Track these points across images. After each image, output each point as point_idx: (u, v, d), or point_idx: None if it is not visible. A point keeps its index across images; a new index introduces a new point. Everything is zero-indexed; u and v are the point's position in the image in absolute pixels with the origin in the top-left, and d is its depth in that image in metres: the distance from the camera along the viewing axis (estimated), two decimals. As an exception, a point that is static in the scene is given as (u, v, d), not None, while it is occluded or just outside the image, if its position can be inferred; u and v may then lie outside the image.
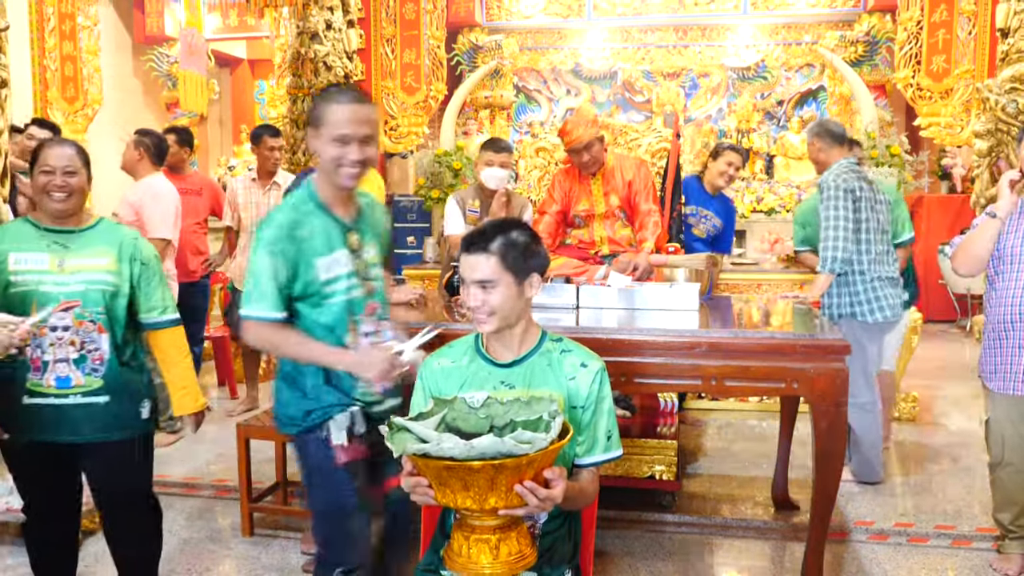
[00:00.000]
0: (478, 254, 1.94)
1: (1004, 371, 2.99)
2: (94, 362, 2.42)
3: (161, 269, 2.63)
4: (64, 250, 2.42)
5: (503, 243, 1.94)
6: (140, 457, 2.61)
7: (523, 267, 1.96)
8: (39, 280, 2.37)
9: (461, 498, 1.64)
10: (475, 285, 1.94)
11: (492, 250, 1.93)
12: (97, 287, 2.42)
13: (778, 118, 8.61)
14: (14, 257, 2.38)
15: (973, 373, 3.62)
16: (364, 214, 2.24)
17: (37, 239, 2.42)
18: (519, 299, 1.96)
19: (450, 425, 1.82)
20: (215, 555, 3.36)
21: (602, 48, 8.76)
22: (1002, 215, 2.97)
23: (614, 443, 2.00)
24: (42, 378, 2.39)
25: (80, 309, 2.39)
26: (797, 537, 3.34)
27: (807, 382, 2.63)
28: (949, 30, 6.47)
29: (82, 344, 2.40)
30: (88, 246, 2.46)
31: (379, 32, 7.11)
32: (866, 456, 3.89)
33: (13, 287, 2.36)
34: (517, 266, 1.95)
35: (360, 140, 2.08)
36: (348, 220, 2.18)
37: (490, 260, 1.93)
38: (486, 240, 1.94)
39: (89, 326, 2.41)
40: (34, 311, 2.33)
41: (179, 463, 4.31)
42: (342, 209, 2.18)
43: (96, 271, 2.43)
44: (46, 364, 2.39)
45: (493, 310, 1.94)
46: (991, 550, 3.24)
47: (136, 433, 2.54)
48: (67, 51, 7.30)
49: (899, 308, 3.84)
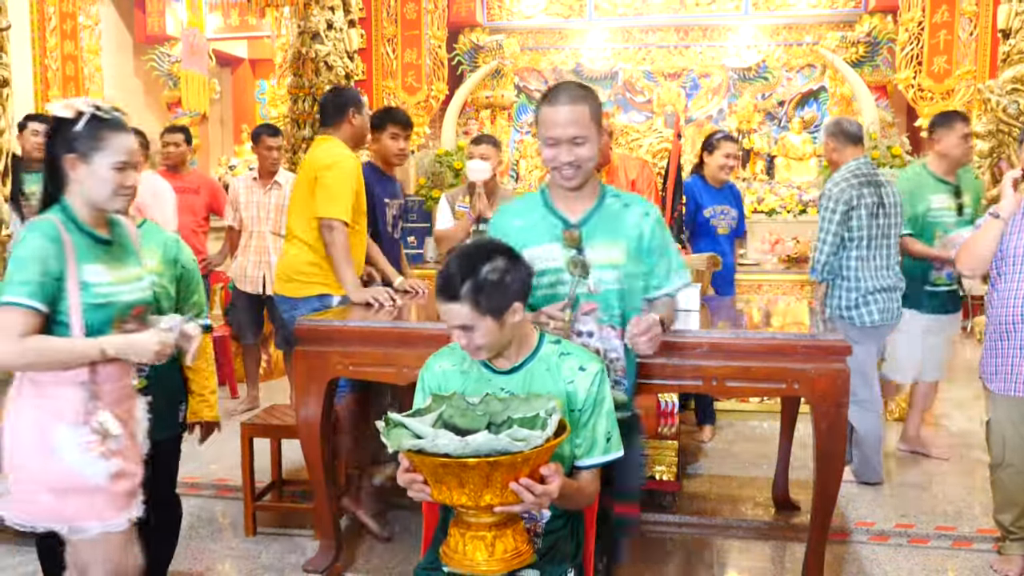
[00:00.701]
0: (450, 303, 1.87)
1: (1005, 372, 2.99)
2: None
3: (199, 273, 2.67)
4: None
5: (472, 287, 1.84)
6: (172, 457, 2.67)
7: (499, 304, 1.86)
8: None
9: (456, 495, 1.64)
10: (455, 329, 1.90)
11: (463, 297, 1.85)
12: (153, 289, 2.43)
13: (779, 119, 8.60)
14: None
15: (974, 374, 3.61)
16: (589, 217, 2.26)
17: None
18: (503, 330, 1.90)
19: (447, 422, 1.82)
20: (216, 554, 3.36)
21: (603, 48, 8.76)
22: (1005, 215, 2.97)
23: (614, 444, 1.99)
24: None
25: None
26: (798, 538, 3.33)
27: (808, 383, 2.63)
28: (950, 31, 6.48)
29: None
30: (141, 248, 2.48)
31: (380, 32, 7.12)
32: (867, 456, 3.88)
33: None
34: (492, 305, 1.86)
35: (568, 141, 2.13)
36: (572, 218, 2.24)
37: (463, 308, 1.85)
38: (454, 287, 1.85)
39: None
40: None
41: (180, 463, 4.29)
42: (563, 206, 2.26)
43: (150, 273, 2.43)
44: None
45: (479, 347, 1.91)
46: (992, 551, 3.23)
47: (173, 433, 2.61)
48: (68, 50, 7.31)
49: (895, 311, 3.83)
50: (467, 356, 2.05)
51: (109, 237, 2.12)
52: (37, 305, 1.93)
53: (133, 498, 2.11)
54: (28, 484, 2.02)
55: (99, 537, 2.03)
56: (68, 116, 2.01)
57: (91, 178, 2.02)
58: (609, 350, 2.27)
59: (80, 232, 2.04)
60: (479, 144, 4.15)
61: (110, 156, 2.01)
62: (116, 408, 2.07)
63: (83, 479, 2.00)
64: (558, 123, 2.13)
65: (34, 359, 1.95)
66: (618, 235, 2.24)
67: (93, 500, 2.02)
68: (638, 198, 2.35)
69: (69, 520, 2.02)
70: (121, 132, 2.05)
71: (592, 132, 2.15)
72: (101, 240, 2.09)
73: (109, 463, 2.01)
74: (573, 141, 2.13)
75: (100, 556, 2.06)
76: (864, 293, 3.75)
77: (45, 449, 2.00)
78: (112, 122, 2.04)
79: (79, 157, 2.01)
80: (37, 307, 1.93)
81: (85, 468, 1.99)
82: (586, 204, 2.25)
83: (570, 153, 2.14)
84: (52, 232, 1.98)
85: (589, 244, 2.21)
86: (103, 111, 2.04)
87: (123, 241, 2.19)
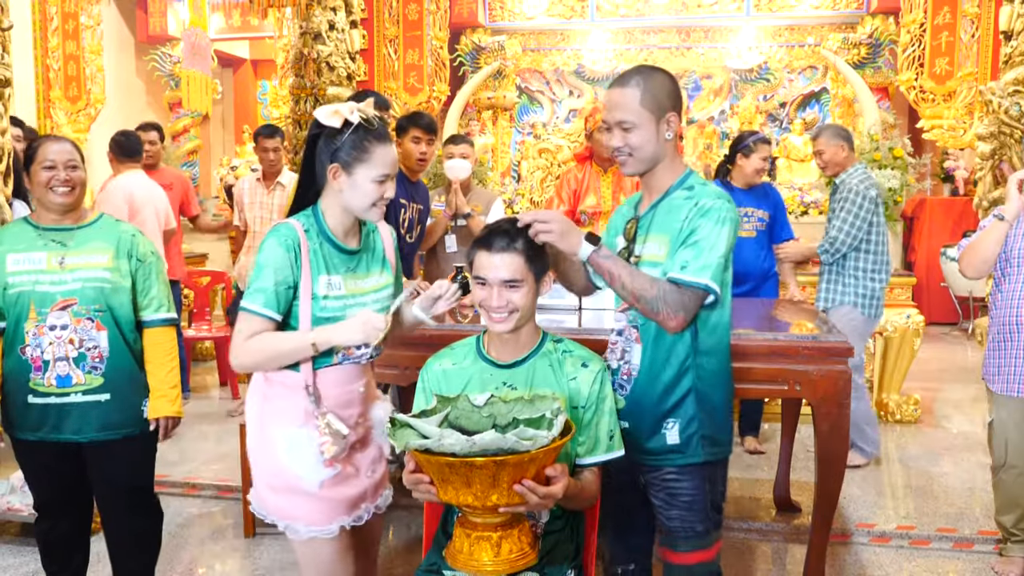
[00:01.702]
0: (503, 253, 1.90)
1: (1008, 373, 2.99)
2: (93, 360, 2.42)
3: (160, 266, 2.61)
4: (63, 248, 2.42)
5: (526, 241, 1.92)
6: (141, 456, 2.60)
7: (543, 266, 1.97)
8: (35, 280, 2.37)
9: (463, 495, 1.64)
10: (499, 284, 1.91)
11: (518, 248, 1.91)
12: (94, 284, 2.42)
13: (780, 120, 8.61)
14: (12, 258, 2.39)
15: (975, 375, 3.61)
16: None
17: (35, 239, 2.42)
18: (535, 298, 1.97)
19: (453, 423, 1.82)
20: (216, 555, 3.36)
21: (605, 49, 8.76)
22: (1009, 217, 2.97)
23: (616, 443, 1.99)
24: (43, 377, 2.40)
25: (77, 307, 2.39)
26: (799, 539, 3.33)
27: (809, 384, 2.63)
28: (952, 33, 6.48)
29: (80, 342, 2.40)
30: (86, 243, 2.46)
31: (382, 33, 7.13)
32: (862, 428, 4.03)
33: (11, 287, 2.37)
34: (539, 265, 1.95)
35: (616, 125, 2.02)
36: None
37: (517, 259, 1.91)
38: (510, 238, 1.91)
39: (87, 324, 2.40)
40: (32, 313, 2.36)
41: (179, 463, 4.31)
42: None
43: (94, 268, 2.43)
44: (47, 363, 2.39)
45: (514, 309, 1.92)
46: (993, 553, 3.23)
47: (137, 431, 2.53)
48: (70, 50, 7.33)
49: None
50: (467, 354, 2.06)
51: (356, 247, 2.09)
52: (269, 313, 1.95)
53: (351, 506, 2.08)
54: (257, 478, 2.10)
55: (309, 540, 2.04)
56: (335, 125, 1.97)
57: (352, 189, 1.98)
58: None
59: (324, 240, 2.02)
60: (457, 144, 4.22)
61: (373, 169, 1.97)
62: (342, 412, 2.05)
63: (297, 481, 2.01)
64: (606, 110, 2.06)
65: (257, 357, 1.98)
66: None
67: (304, 503, 2.02)
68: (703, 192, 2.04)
69: (284, 518, 2.05)
70: (385, 144, 2.00)
71: (644, 119, 1.98)
72: (346, 251, 2.06)
73: (326, 470, 2.00)
74: (620, 126, 1.99)
75: (310, 558, 2.07)
76: (878, 286, 3.98)
77: (267, 448, 2.05)
78: (376, 133, 1.99)
79: (342, 167, 1.98)
80: (270, 315, 1.96)
81: (301, 471, 2.01)
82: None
83: (621, 139, 2.01)
84: (291, 238, 1.97)
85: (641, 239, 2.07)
86: (368, 121, 1.98)
87: (373, 250, 2.15)
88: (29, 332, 2.38)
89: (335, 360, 2.04)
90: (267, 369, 2.03)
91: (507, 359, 2.00)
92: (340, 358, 2.05)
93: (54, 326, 2.37)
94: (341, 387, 2.06)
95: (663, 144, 2.01)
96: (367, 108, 2.01)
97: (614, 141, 2.02)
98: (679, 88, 2.05)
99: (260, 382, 2.09)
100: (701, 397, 2.01)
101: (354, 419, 2.09)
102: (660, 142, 2.00)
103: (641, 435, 2.04)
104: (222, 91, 9.01)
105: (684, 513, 2.03)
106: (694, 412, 2.01)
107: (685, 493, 2.02)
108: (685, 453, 2.02)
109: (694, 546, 2.03)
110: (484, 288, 1.94)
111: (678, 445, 2.01)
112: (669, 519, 2.04)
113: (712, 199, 1.96)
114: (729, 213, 1.95)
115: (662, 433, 2.02)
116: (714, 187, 2.02)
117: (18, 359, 2.40)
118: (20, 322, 2.38)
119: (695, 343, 2.00)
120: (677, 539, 2.03)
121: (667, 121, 1.99)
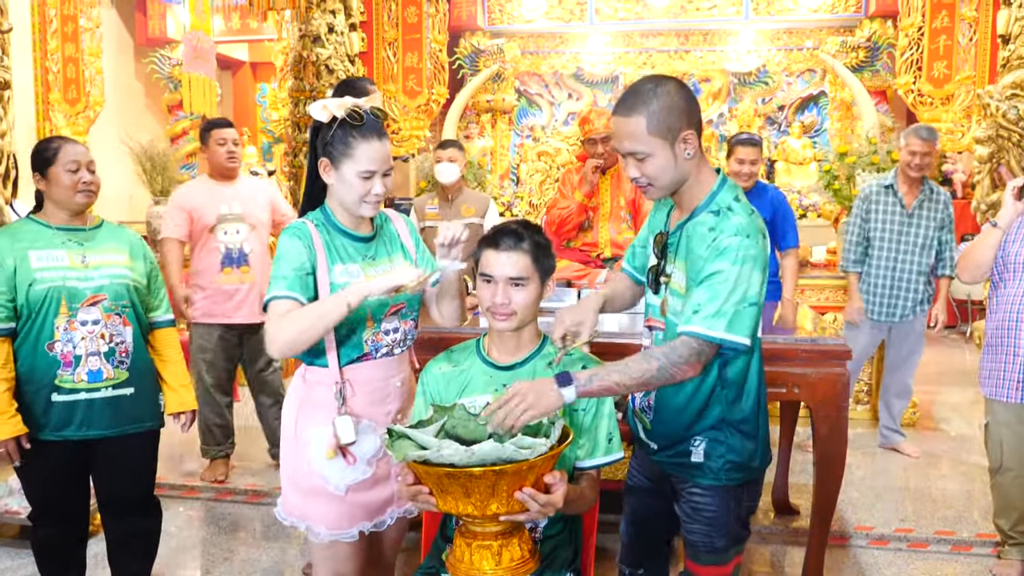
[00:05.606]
0: (510, 251, 1.92)
1: (998, 378, 3.00)
2: (120, 355, 2.47)
3: (159, 269, 2.72)
4: (80, 247, 2.46)
5: (533, 242, 1.94)
6: (152, 452, 2.65)
7: (549, 267, 1.98)
8: (64, 276, 2.40)
9: (462, 505, 1.63)
10: (505, 282, 1.92)
11: (525, 248, 1.93)
12: (120, 281, 2.48)
13: (779, 123, 8.61)
14: (35, 255, 2.40)
15: (973, 379, 3.62)
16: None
17: (51, 237, 2.45)
18: (538, 300, 1.98)
19: (450, 432, 1.81)
20: (215, 556, 3.36)
21: (604, 52, 8.76)
22: (1003, 225, 2.98)
23: (615, 446, 2.00)
24: (73, 373, 2.41)
25: (107, 302, 2.43)
26: (797, 542, 3.33)
27: (808, 387, 2.64)
28: (950, 36, 6.49)
29: (111, 337, 2.44)
30: (103, 243, 2.51)
31: (381, 35, 7.13)
32: None
33: (38, 283, 2.37)
34: (545, 266, 1.97)
35: (628, 155, 1.86)
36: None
37: (524, 258, 1.92)
38: (518, 238, 1.93)
39: (116, 319, 2.45)
40: (63, 309, 2.37)
41: (179, 463, 4.31)
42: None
43: (117, 266, 2.49)
44: (78, 359, 2.41)
45: (516, 309, 1.93)
46: (991, 556, 3.24)
47: (155, 426, 2.61)
48: (69, 53, 7.32)
49: None
50: (467, 356, 2.06)
51: (370, 233, 2.08)
52: (294, 295, 1.92)
53: (376, 511, 2.08)
54: (285, 478, 2.09)
55: (328, 544, 2.05)
56: (323, 120, 1.97)
57: (340, 184, 1.99)
58: None
59: (336, 232, 2.03)
60: (447, 148, 4.48)
61: (357, 164, 1.96)
62: (376, 408, 2.05)
63: (323, 484, 2.01)
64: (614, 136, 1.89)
65: (291, 329, 1.88)
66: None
67: (329, 507, 2.02)
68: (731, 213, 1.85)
69: (306, 519, 2.05)
70: (370, 139, 1.96)
71: (655, 147, 1.80)
72: (359, 238, 2.06)
73: (350, 473, 2.00)
74: (633, 156, 1.83)
75: (327, 561, 2.07)
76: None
77: (299, 449, 2.04)
78: (363, 128, 1.96)
79: (331, 162, 1.99)
80: (295, 296, 1.92)
81: (328, 474, 2.00)
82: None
83: (636, 169, 1.85)
84: (302, 232, 1.98)
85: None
86: (354, 117, 1.96)
87: (388, 236, 2.14)
88: (60, 327, 2.38)
89: (366, 349, 2.03)
90: (306, 342, 1.90)
91: (507, 361, 2.01)
92: (371, 347, 2.03)
93: (85, 321, 2.40)
94: (374, 383, 2.05)
95: (683, 164, 1.83)
96: (365, 103, 2.00)
97: (630, 171, 1.85)
98: (691, 96, 1.84)
99: (299, 383, 2.09)
100: (730, 424, 1.91)
101: (392, 416, 2.08)
102: (679, 164, 1.82)
103: (668, 448, 1.98)
104: (221, 94, 9.00)
105: (706, 528, 1.97)
106: (723, 438, 1.91)
107: (708, 510, 1.96)
108: (709, 475, 1.93)
109: (711, 561, 1.99)
110: (489, 285, 1.94)
111: (703, 463, 1.93)
112: (691, 532, 2.00)
113: (730, 235, 1.76)
114: (750, 251, 1.75)
115: (688, 450, 1.94)
116: (741, 214, 1.81)
117: (44, 356, 2.39)
118: (48, 318, 2.37)
119: (722, 373, 1.89)
120: (698, 551, 2.00)
121: (683, 140, 1.80)
